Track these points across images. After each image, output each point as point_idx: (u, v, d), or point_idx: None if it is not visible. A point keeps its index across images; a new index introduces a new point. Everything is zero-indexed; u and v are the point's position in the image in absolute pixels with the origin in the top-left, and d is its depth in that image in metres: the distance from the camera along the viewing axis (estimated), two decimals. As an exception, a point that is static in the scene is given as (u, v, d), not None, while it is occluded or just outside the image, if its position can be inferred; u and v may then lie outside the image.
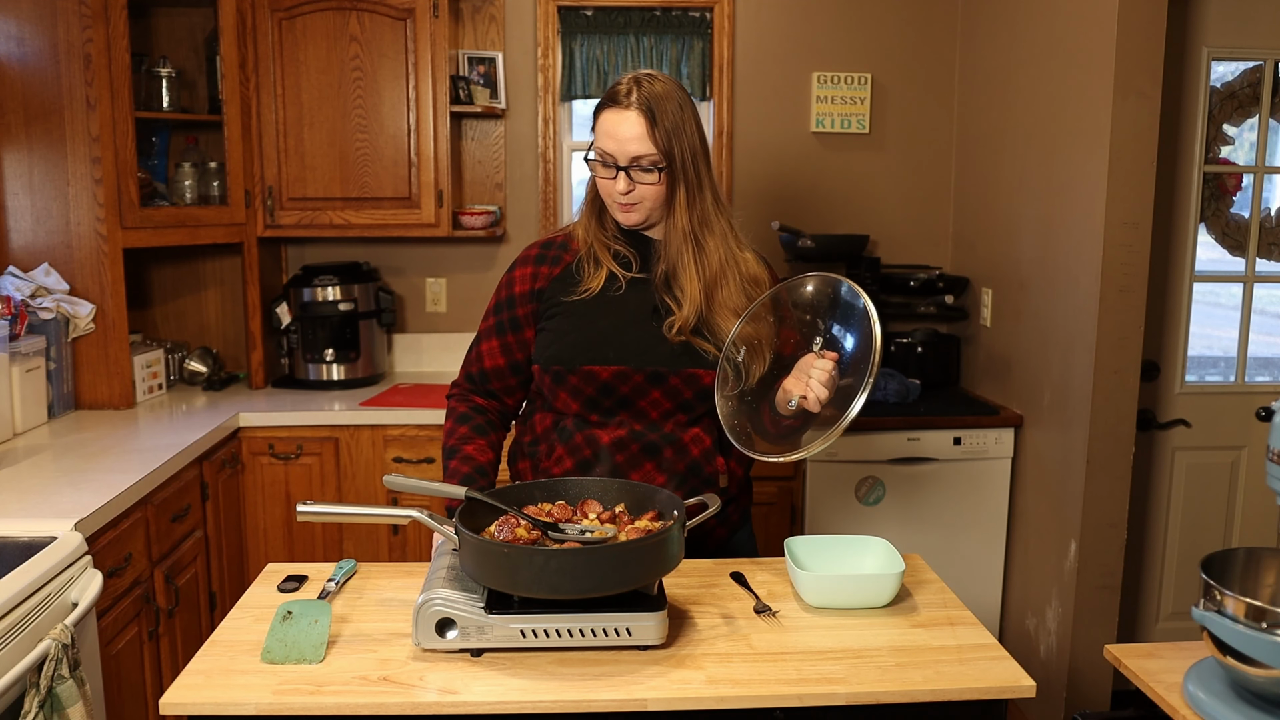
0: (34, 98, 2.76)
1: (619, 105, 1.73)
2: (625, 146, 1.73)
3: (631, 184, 1.75)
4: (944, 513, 3.13)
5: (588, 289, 1.82)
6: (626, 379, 1.79)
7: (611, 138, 1.74)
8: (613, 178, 1.76)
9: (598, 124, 1.77)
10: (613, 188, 1.77)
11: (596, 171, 1.79)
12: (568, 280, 1.85)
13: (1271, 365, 3.00)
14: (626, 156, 1.73)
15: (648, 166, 1.74)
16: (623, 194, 1.76)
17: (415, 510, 1.56)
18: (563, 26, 3.51)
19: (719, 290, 1.81)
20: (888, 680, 1.43)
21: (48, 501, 2.09)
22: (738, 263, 1.86)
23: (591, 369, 1.78)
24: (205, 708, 1.37)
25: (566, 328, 1.82)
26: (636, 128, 1.72)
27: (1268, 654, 1.25)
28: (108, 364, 2.91)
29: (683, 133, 1.74)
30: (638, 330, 1.80)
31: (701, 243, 1.80)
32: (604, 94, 1.79)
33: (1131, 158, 2.56)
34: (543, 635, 1.46)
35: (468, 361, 1.92)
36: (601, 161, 1.76)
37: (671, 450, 1.82)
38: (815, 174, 3.63)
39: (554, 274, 1.86)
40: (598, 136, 1.77)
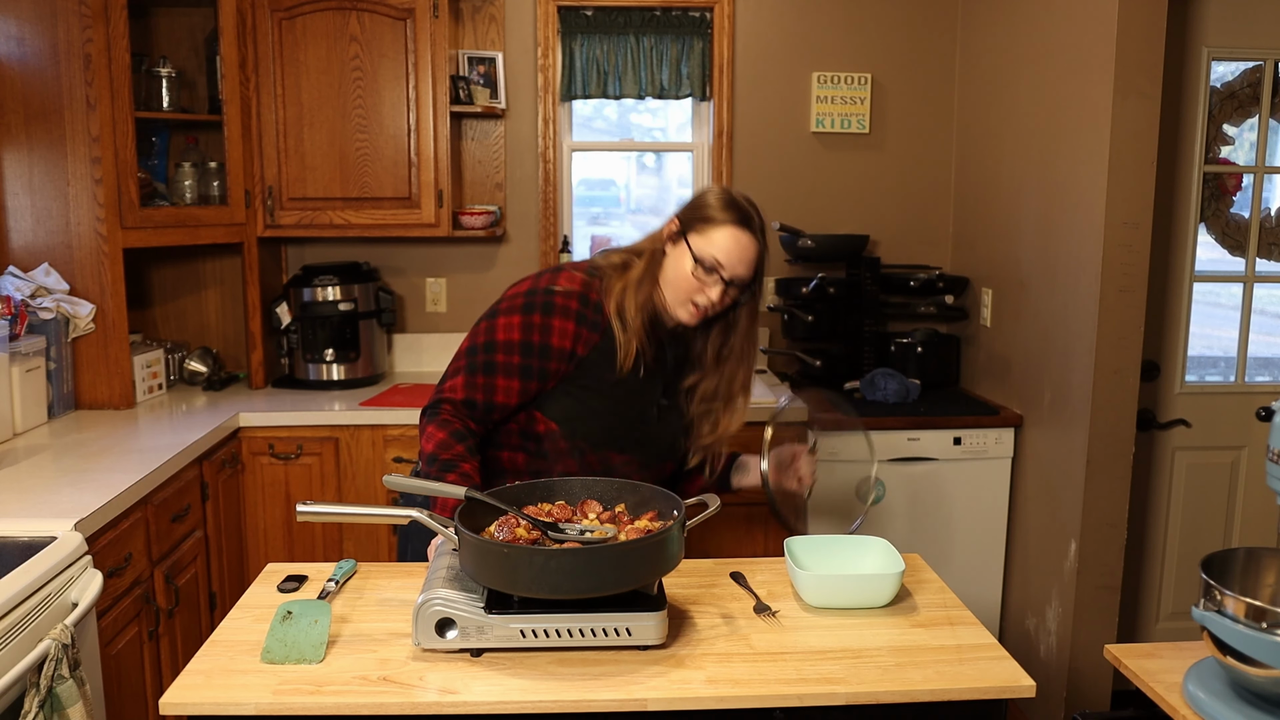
0: (34, 98, 2.76)
1: (748, 229, 1.85)
2: (737, 268, 1.83)
3: (722, 298, 1.84)
4: (944, 513, 3.12)
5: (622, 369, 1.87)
6: (629, 465, 1.91)
7: (730, 254, 1.82)
8: (708, 285, 1.83)
9: (718, 234, 1.83)
10: (699, 292, 1.83)
11: (696, 274, 1.82)
12: (606, 352, 1.86)
13: (1271, 365, 2.99)
14: (734, 274, 1.83)
15: (741, 286, 1.86)
16: (711, 302, 1.83)
17: (415, 510, 1.56)
18: (563, 26, 3.51)
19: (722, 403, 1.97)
20: (888, 680, 1.43)
21: (48, 501, 2.09)
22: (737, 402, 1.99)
23: (610, 454, 1.90)
24: (205, 708, 1.37)
25: (601, 410, 1.88)
26: (753, 254, 1.85)
27: (1268, 654, 1.25)
28: (108, 364, 2.91)
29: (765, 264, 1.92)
30: (652, 425, 1.94)
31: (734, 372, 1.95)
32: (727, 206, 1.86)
33: (1131, 158, 2.56)
34: (543, 635, 1.46)
35: (471, 386, 1.86)
36: (705, 267, 1.81)
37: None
38: (815, 174, 3.63)
39: (594, 341, 1.86)
40: (711, 244, 1.82)
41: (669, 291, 1.86)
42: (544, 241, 3.62)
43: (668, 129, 3.83)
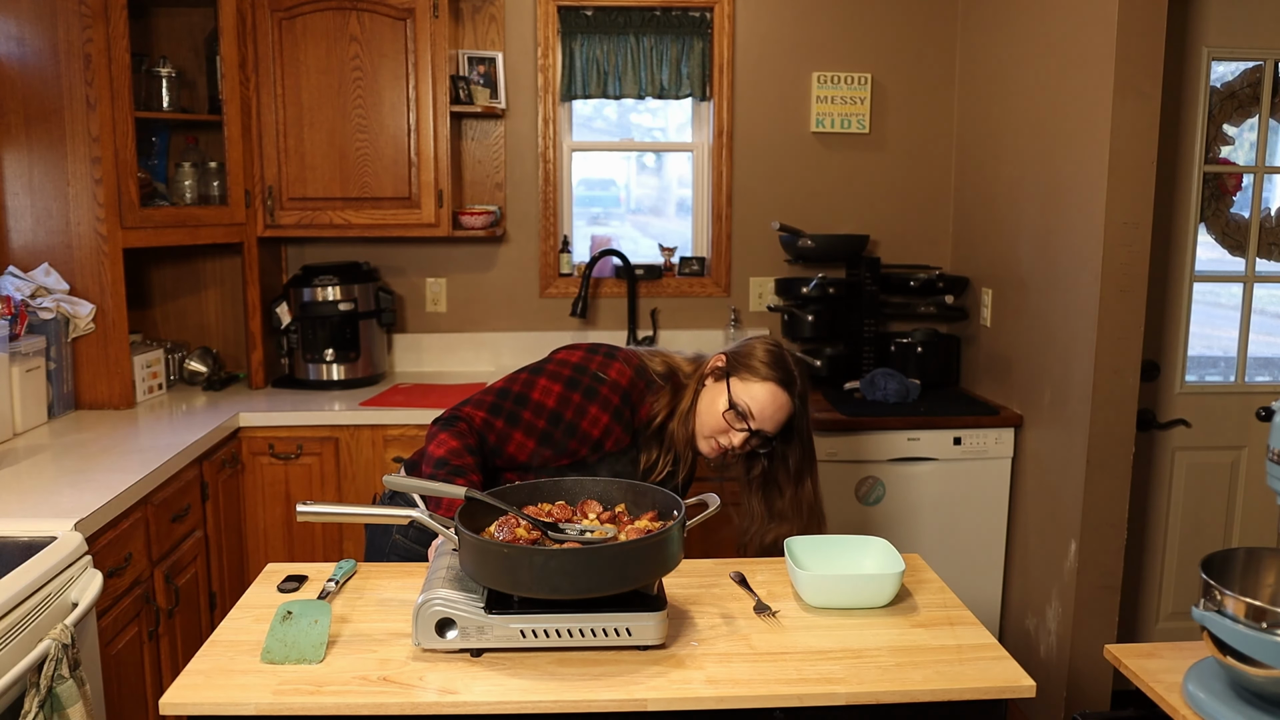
0: (34, 98, 2.76)
1: (787, 391, 1.92)
2: (767, 424, 1.91)
3: (745, 444, 1.92)
4: (944, 513, 3.13)
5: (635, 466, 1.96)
6: None
7: (764, 408, 1.90)
8: (735, 430, 1.91)
9: (759, 388, 1.91)
10: (727, 434, 1.92)
11: (727, 417, 1.90)
12: (630, 455, 1.97)
13: (1271, 365, 2.99)
14: (761, 427, 1.91)
15: (764, 439, 1.93)
16: (733, 446, 1.91)
17: (415, 510, 1.56)
18: (563, 26, 3.51)
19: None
20: (888, 680, 1.43)
21: (48, 501, 2.09)
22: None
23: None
24: (205, 708, 1.37)
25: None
26: (785, 414, 1.92)
27: (1268, 654, 1.25)
28: (108, 364, 2.92)
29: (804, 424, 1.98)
30: None
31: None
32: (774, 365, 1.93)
33: (1131, 158, 2.56)
34: (543, 635, 1.46)
35: (489, 426, 1.89)
36: (738, 412, 1.90)
37: None
38: (815, 174, 3.63)
39: (624, 443, 1.94)
40: (749, 394, 1.91)
41: (697, 423, 1.95)
42: (544, 241, 3.62)
43: (668, 129, 3.83)
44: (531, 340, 3.63)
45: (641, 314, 3.67)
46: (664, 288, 3.67)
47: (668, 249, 3.70)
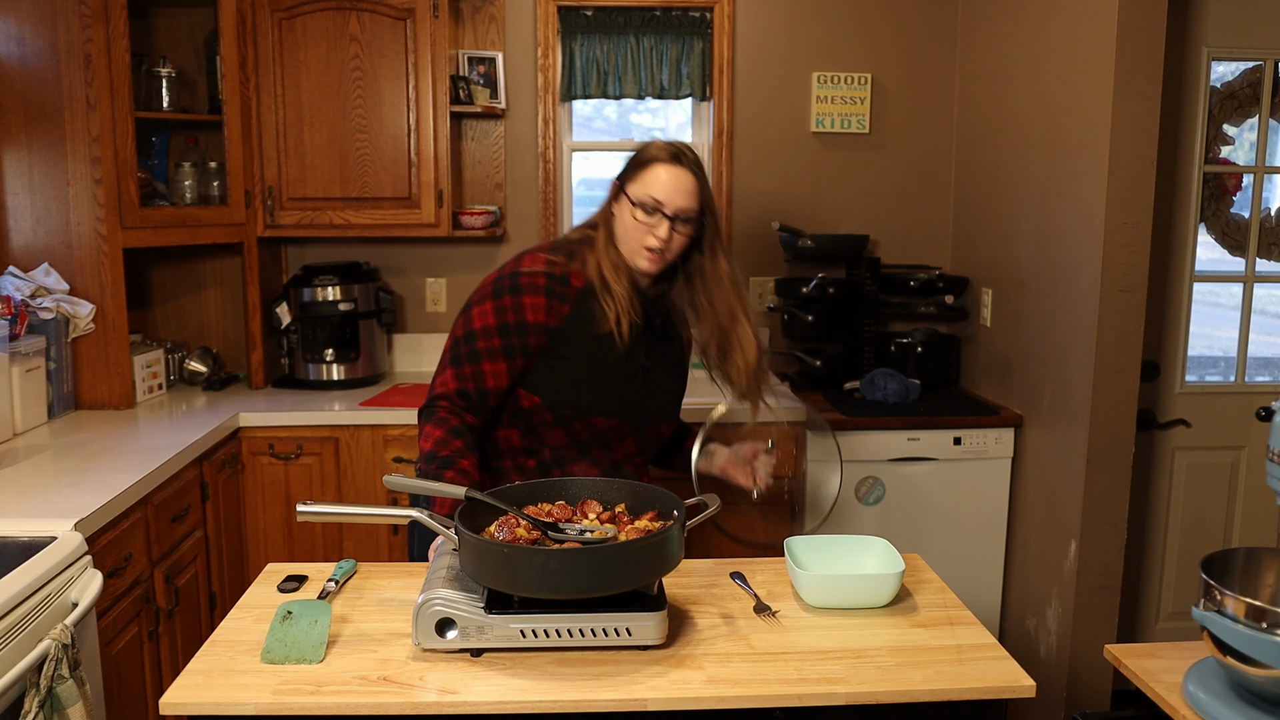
0: (34, 98, 2.76)
1: (678, 163, 1.87)
2: (676, 201, 1.85)
3: (671, 235, 1.86)
4: (944, 513, 3.12)
5: (599, 333, 1.90)
6: (618, 430, 1.95)
7: (665, 189, 1.85)
8: (655, 225, 1.85)
9: (649, 175, 1.87)
10: (648, 235, 1.86)
11: (637, 217, 1.86)
12: (580, 320, 1.90)
13: (1271, 365, 2.99)
14: (674, 208, 1.85)
15: (688, 220, 1.87)
16: (661, 241, 1.85)
17: (415, 510, 1.56)
18: (563, 26, 3.51)
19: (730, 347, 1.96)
20: (888, 680, 1.43)
21: (48, 501, 2.09)
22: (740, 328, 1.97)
23: (595, 420, 1.92)
24: (205, 708, 1.37)
25: (580, 377, 1.91)
26: (689, 185, 1.86)
27: (1268, 654, 1.25)
28: (108, 364, 2.91)
29: (713, 199, 1.93)
30: (633, 386, 1.95)
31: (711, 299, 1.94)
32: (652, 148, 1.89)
33: (1131, 158, 2.56)
34: (543, 635, 1.46)
35: (461, 378, 1.89)
36: (646, 209, 1.85)
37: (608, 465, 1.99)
38: (815, 174, 3.63)
39: (564, 311, 1.90)
40: (646, 186, 1.86)
41: (624, 249, 1.91)
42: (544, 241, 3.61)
43: (668, 129, 3.83)
44: (531, 340, 3.63)
45: (641, 314, 3.66)
46: (664, 288, 3.66)
47: (668, 249, 3.70)
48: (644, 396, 1.97)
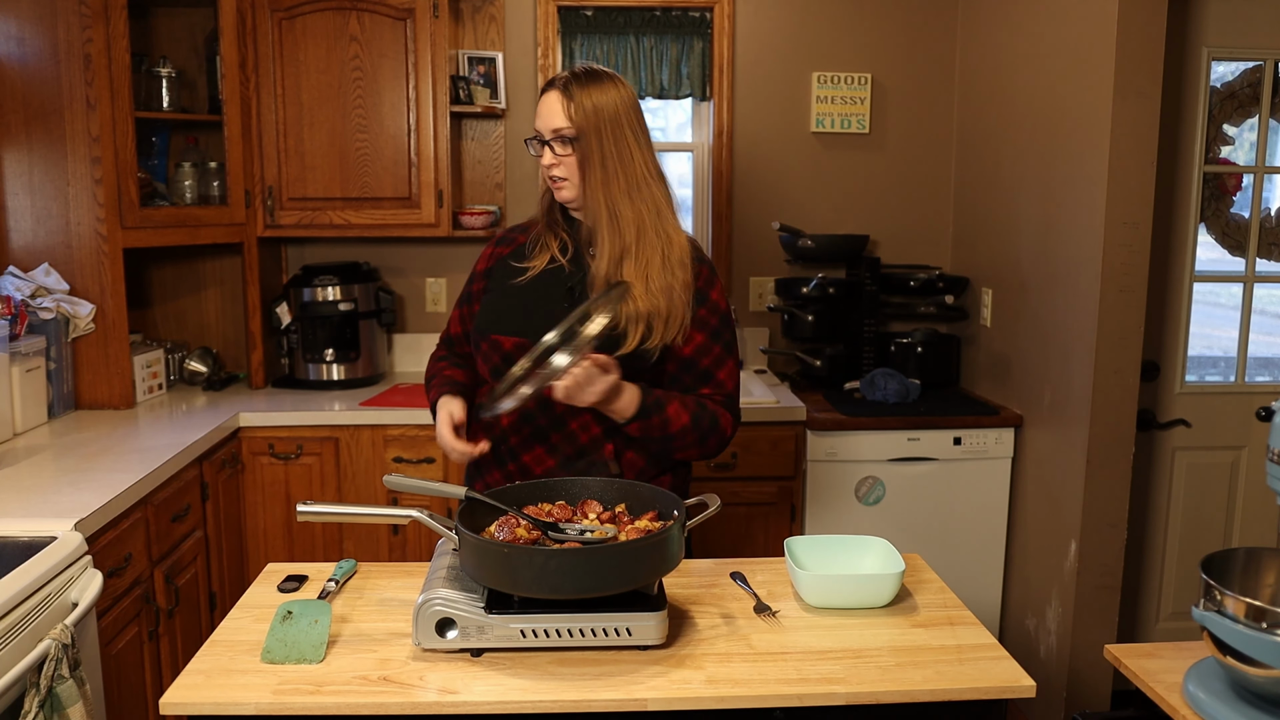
0: (34, 98, 2.76)
1: (549, 89, 1.88)
2: (550, 122, 1.86)
3: (556, 158, 1.86)
4: (944, 513, 3.13)
5: (525, 269, 1.94)
6: (524, 350, 1.79)
7: (540, 119, 1.88)
8: (541, 154, 1.88)
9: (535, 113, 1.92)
10: (543, 163, 1.89)
11: (534, 151, 1.91)
12: (513, 259, 1.98)
13: (1271, 365, 3.00)
14: (550, 131, 1.86)
15: (565, 139, 1.85)
16: (548, 167, 1.88)
17: (415, 510, 1.56)
18: (563, 26, 3.51)
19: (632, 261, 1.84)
20: (888, 680, 1.43)
21: (48, 501, 2.09)
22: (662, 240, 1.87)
23: (498, 338, 1.90)
24: (205, 708, 1.37)
25: (490, 301, 1.97)
26: (558, 105, 1.85)
27: (1268, 654, 1.25)
28: (108, 364, 2.91)
29: (602, 112, 1.84)
30: (547, 307, 1.87)
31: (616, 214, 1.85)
32: None
33: (1131, 158, 2.56)
34: (543, 635, 1.46)
35: (447, 326, 2.12)
36: (536, 143, 1.89)
37: (558, 435, 1.87)
38: (815, 174, 3.63)
39: (503, 254, 2.01)
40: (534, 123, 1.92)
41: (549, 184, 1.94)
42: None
43: (668, 129, 3.83)
44: (531, 340, 3.63)
45: (641, 314, 3.66)
46: (664, 288, 3.66)
47: (668, 249, 3.70)
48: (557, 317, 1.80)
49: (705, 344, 1.87)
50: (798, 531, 3.13)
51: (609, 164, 1.84)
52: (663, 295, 1.82)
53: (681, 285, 1.84)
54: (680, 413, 1.82)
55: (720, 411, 1.87)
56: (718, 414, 1.86)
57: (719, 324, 1.89)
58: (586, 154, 1.84)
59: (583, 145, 1.83)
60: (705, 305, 1.87)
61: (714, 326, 1.88)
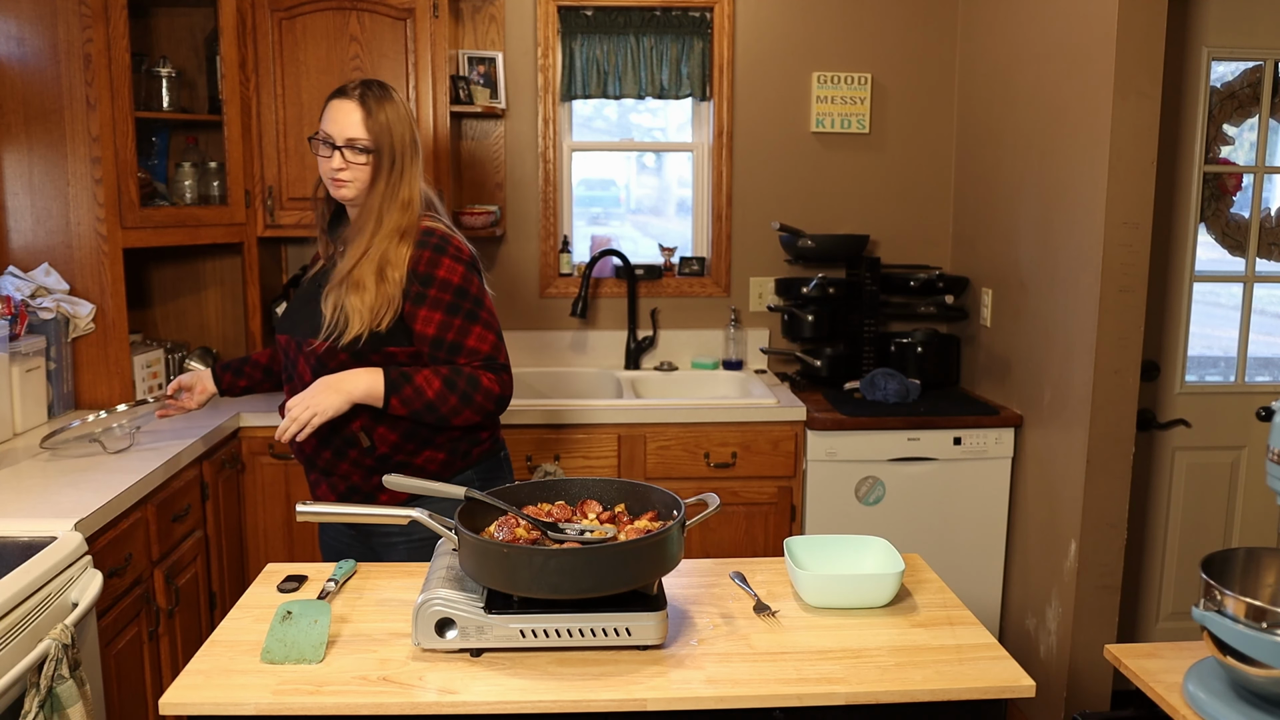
0: (34, 98, 2.76)
1: (342, 96, 2.04)
2: (344, 130, 2.01)
3: (346, 164, 2.01)
4: (944, 513, 3.13)
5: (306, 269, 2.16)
6: (287, 346, 2.11)
7: (330, 123, 2.03)
8: (328, 156, 2.02)
9: (325, 110, 2.06)
10: (328, 166, 2.03)
11: (318, 152, 2.05)
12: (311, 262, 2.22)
13: (1271, 365, 3.00)
14: (342, 138, 2.01)
15: (361, 149, 2.01)
16: (335, 170, 2.02)
17: (415, 510, 1.56)
18: (563, 26, 3.51)
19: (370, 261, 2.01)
20: (887, 680, 1.43)
21: (48, 501, 2.09)
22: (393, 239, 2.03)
23: (279, 337, 2.15)
24: (205, 708, 1.37)
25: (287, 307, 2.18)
26: (354, 115, 2.02)
27: (1268, 654, 1.25)
28: (108, 364, 2.91)
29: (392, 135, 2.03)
30: (306, 304, 2.09)
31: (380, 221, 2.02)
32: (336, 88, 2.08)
33: (1131, 158, 2.56)
34: (542, 635, 1.46)
35: None
36: (321, 143, 2.04)
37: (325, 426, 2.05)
38: (815, 174, 3.63)
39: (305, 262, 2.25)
40: (322, 120, 2.05)
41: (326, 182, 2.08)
42: (544, 241, 3.62)
43: (668, 129, 3.83)
44: (532, 340, 3.63)
45: (641, 314, 3.67)
46: (664, 288, 3.67)
47: (668, 249, 3.70)
48: (308, 313, 2.06)
49: (445, 320, 2.01)
50: (798, 531, 3.14)
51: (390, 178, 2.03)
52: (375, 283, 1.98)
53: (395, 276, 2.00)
54: (431, 379, 1.98)
55: (477, 373, 2.01)
56: (475, 375, 2.01)
57: (454, 298, 2.02)
58: (377, 166, 2.03)
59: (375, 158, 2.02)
60: (434, 285, 2.01)
61: (448, 302, 2.01)
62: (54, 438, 2.44)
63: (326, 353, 2.01)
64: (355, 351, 2.00)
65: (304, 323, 2.06)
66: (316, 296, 2.05)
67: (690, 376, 3.60)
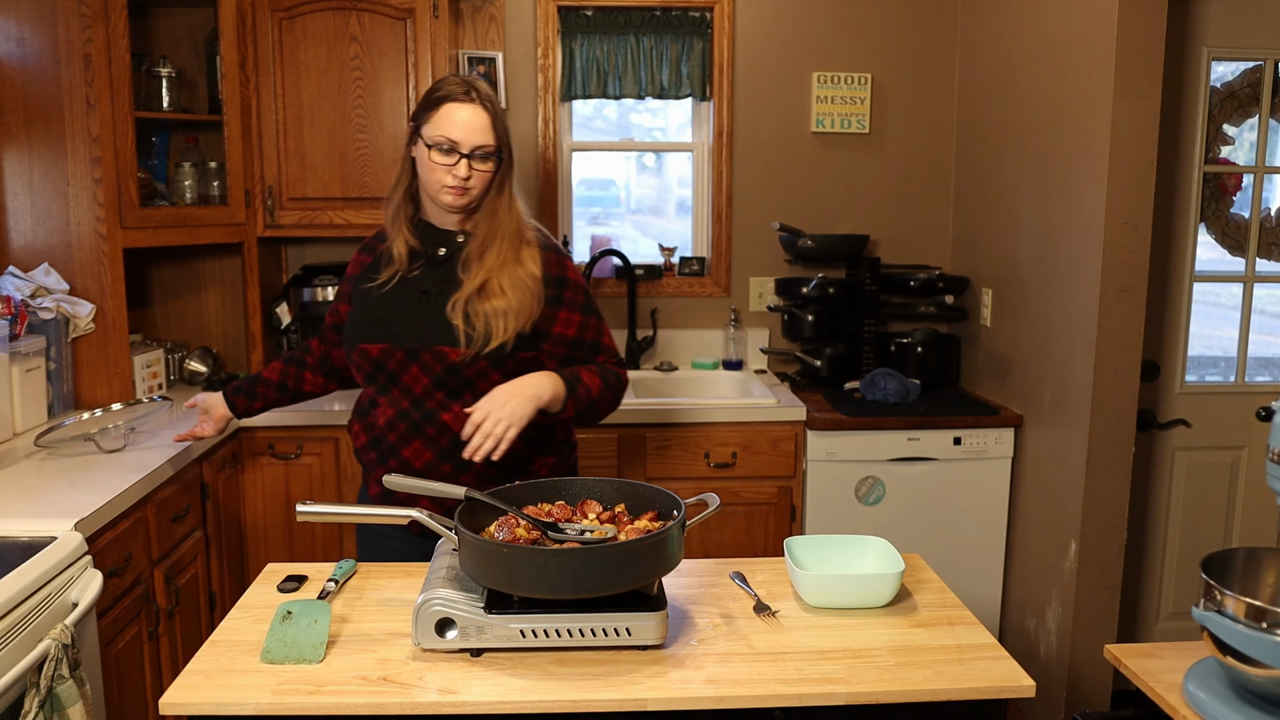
0: (34, 98, 2.76)
1: (467, 99, 1.93)
2: (472, 138, 1.92)
3: (471, 171, 1.93)
4: (944, 513, 3.13)
5: (380, 279, 2.02)
6: (390, 355, 1.97)
7: (456, 128, 1.91)
8: (453, 164, 1.92)
9: (439, 115, 1.93)
10: (450, 173, 1.92)
11: (436, 159, 1.92)
12: (372, 269, 2.07)
13: (1271, 365, 3.00)
14: (471, 146, 1.92)
15: (489, 156, 1.95)
16: (463, 180, 1.93)
17: (415, 510, 1.56)
18: (563, 26, 3.51)
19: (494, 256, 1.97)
20: (887, 680, 1.43)
21: (48, 501, 2.09)
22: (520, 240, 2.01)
23: (365, 347, 1.99)
24: (205, 708, 1.37)
25: (356, 312, 2.05)
26: (484, 121, 1.93)
27: (1268, 654, 1.25)
28: (108, 364, 2.91)
29: (508, 133, 1.99)
30: (405, 312, 1.99)
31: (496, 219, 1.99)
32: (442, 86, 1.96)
33: (1131, 158, 2.56)
34: (542, 635, 1.46)
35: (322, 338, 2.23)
36: (442, 150, 1.91)
37: (433, 429, 1.97)
38: (815, 174, 3.63)
39: (365, 262, 2.10)
40: (438, 127, 1.92)
41: (427, 190, 1.97)
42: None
43: (668, 129, 3.83)
44: (531, 340, 3.63)
45: (641, 314, 3.67)
46: (664, 288, 3.67)
47: (668, 249, 3.70)
48: (417, 319, 1.97)
49: (584, 320, 2.02)
50: (798, 531, 3.14)
51: (507, 178, 2.00)
52: (514, 291, 1.94)
53: (532, 280, 1.97)
54: (593, 378, 1.98)
55: (618, 370, 2.06)
56: (618, 372, 2.05)
57: (585, 299, 2.04)
58: (504, 170, 1.98)
59: (498, 162, 1.96)
60: (569, 287, 2.02)
61: (583, 304, 2.03)
62: (48, 435, 2.44)
63: (462, 362, 1.92)
64: (497, 358, 1.93)
65: (410, 330, 1.95)
66: (415, 303, 1.97)
67: (690, 376, 3.60)
